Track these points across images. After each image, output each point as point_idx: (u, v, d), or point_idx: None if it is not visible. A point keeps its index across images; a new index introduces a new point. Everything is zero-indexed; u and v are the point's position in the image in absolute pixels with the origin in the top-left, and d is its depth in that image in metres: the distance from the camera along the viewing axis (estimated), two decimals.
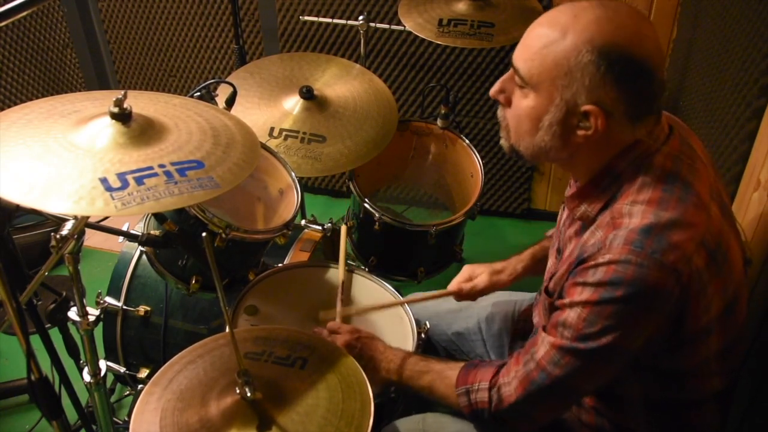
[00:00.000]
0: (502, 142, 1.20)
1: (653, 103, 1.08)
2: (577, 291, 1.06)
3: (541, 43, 1.06)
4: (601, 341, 1.05)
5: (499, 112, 1.18)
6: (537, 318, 1.39)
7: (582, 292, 1.05)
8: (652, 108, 1.08)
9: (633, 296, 1.01)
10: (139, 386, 1.87)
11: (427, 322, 1.58)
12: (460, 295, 1.58)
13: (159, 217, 1.44)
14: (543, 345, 1.12)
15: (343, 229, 1.84)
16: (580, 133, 1.07)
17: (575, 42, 1.03)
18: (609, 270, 1.02)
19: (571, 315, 1.07)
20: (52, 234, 1.16)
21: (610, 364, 1.10)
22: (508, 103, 1.15)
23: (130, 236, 1.47)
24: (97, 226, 1.37)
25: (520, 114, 1.12)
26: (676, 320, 1.05)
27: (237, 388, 1.06)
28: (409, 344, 1.51)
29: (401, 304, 1.60)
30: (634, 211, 1.05)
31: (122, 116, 1.10)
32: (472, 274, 1.58)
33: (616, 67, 1.02)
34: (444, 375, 1.28)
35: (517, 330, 1.59)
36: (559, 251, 1.27)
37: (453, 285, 1.59)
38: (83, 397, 1.50)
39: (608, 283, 1.02)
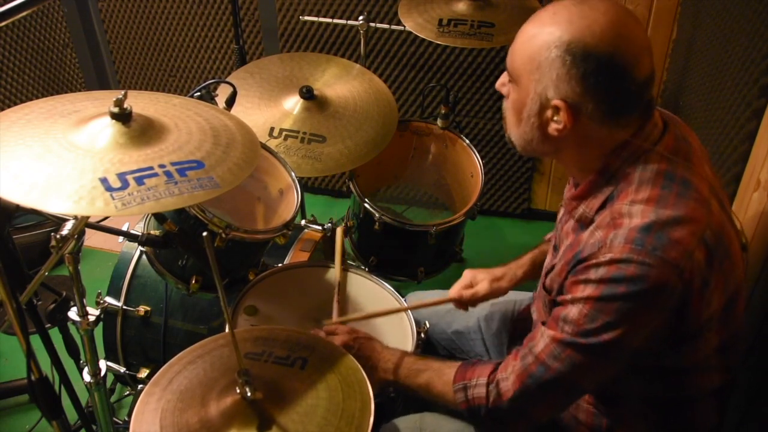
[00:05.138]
0: (505, 134, 1.23)
1: (631, 102, 1.07)
2: (579, 288, 1.07)
3: (523, 38, 1.11)
4: (601, 337, 1.05)
5: (503, 105, 1.22)
6: (536, 314, 1.39)
7: (584, 288, 1.06)
8: (631, 107, 1.08)
9: (636, 293, 1.01)
10: (139, 386, 1.87)
11: (427, 322, 1.58)
12: (461, 302, 1.57)
13: (159, 217, 1.44)
14: (542, 339, 1.13)
15: (339, 230, 1.84)
16: (554, 126, 1.10)
17: (547, 38, 1.06)
18: (611, 268, 1.02)
19: (572, 311, 1.07)
20: (52, 234, 1.16)
21: (610, 360, 1.10)
22: (508, 96, 1.19)
23: (130, 236, 1.47)
24: (97, 226, 1.38)
25: (509, 106, 1.17)
26: (677, 316, 1.05)
27: (237, 388, 1.06)
28: (409, 344, 1.51)
29: (400, 311, 1.59)
30: (634, 210, 1.05)
31: (122, 116, 1.10)
32: (473, 280, 1.57)
33: (582, 64, 1.03)
34: (441, 372, 1.28)
35: (517, 329, 1.59)
36: (556, 248, 1.28)
37: (453, 291, 1.58)
38: (83, 397, 1.51)
39: (611, 280, 1.02)
